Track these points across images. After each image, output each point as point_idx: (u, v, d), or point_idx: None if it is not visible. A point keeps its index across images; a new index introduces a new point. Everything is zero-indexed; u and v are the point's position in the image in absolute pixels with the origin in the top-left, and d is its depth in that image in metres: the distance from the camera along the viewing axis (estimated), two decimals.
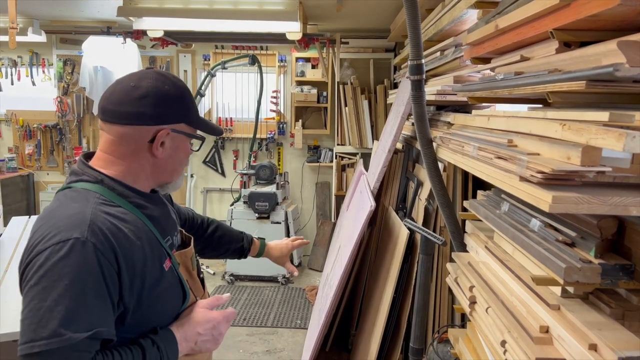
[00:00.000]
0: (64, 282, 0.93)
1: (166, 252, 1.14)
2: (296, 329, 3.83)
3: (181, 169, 1.22)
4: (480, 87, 1.50)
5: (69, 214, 1.01)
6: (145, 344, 1.04)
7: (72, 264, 0.94)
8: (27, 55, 5.40)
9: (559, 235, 1.13)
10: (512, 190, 1.03)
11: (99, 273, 0.96)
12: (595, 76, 0.82)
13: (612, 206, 0.82)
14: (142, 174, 1.14)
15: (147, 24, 3.71)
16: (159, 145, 1.12)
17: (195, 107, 1.19)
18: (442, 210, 1.89)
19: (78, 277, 0.94)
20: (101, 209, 1.03)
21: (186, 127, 1.17)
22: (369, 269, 3.18)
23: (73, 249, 0.95)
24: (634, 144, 0.70)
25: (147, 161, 1.13)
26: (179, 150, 1.17)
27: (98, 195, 1.07)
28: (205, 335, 1.15)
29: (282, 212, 4.75)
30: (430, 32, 2.52)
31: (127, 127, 1.09)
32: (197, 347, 1.15)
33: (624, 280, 1.00)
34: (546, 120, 0.99)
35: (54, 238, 0.96)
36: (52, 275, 0.93)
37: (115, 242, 1.00)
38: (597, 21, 0.91)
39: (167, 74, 1.16)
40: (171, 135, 1.13)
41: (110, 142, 1.12)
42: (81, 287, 0.94)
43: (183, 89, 1.16)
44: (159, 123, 1.11)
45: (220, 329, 1.18)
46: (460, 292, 1.65)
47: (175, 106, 1.13)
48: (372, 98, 5.04)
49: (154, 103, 1.10)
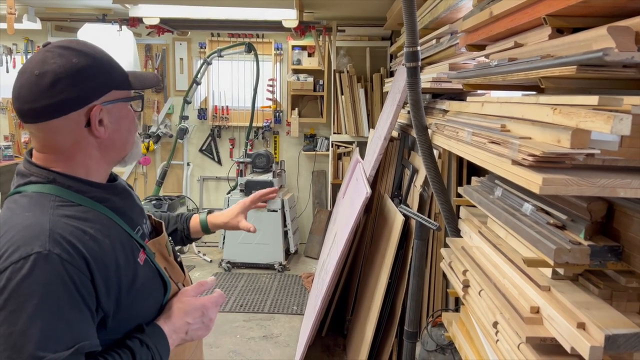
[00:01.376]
0: (32, 301, 0.84)
1: (138, 244, 1.05)
2: (293, 314, 3.87)
3: (132, 137, 1.09)
4: (475, 74, 1.52)
5: (24, 225, 0.90)
6: (133, 345, 0.98)
7: (38, 281, 0.85)
8: (23, 43, 5.36)
9: (550, 218, 1.15)
10: (504, 174, 1.06)
11: (69, 284, 0.87)
12: (585, 61, 0.84)
13: (601, 188, 0.84)
14: (92, 161, 1.02)
15: (143, 11, 3.70)
16: (98, 125, 0.99)
17: (117, 66, 1.03)
18: (437, 197, 1.91)
19: (47, 294, 0.85)
20: (59, 212, 0.93)
21: (118, 92, 1.02)
22: (365, 255, 3.21)
23: (36, 265, 0.86)
24: (621, 125, 0.72)
25: (92, 146, 1.01)
26: (122, 119, 1.04)
27: (53, 197, 0.96)
28: (195, 324, 1.09)
29: (278, 200, 4.77)
30: (426, 19, 2.53)
31: (54, 121, 0.96)
32: (188, 337, 1.09)
33: (612, 262, 1.03)
34: (538, 105, 1.01)
35: (13, 255, 0.87)
36: (18, 296, 0.84)
37: (83, 247, 0.91)
38: (588, 7, 0.93)
39: (69, 44, 0.99)
40: (105, 109, 1.00)
41: (43, 141, 0.99)
42: (53, 303, 0.86)
43: (94, 54, 1.00)
44: (86, 104, 0.97)
45: (209, 315, 1.12)
46: (454, 276, 1.69)
47: (95, 77, 0.98)
48: (369, 86, 5.05)
49: (69, 84, 0.95)
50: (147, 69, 5.44)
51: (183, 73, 5.47)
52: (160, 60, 5.44)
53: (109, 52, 1.05)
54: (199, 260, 5.11)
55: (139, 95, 1.10)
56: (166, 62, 5.46)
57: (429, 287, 2.40)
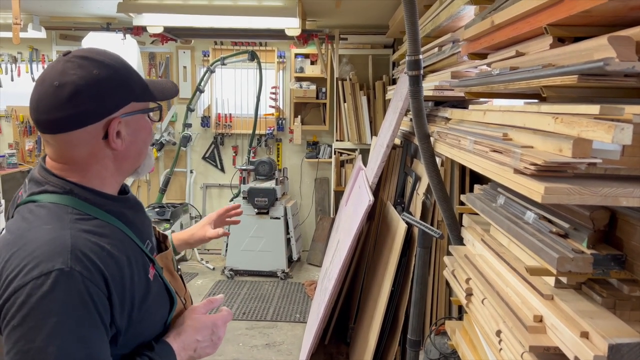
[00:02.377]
0: (52, 320, 0.83)
1: (149, 258, 1.04)
2: (295, 322, 3.86)
3: (146, 149, 1.08)
4: (477, 82, 1.53)
5: (45, 240, 0.88)
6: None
7: (59, 298, 0.84)
8: (27, 52, 5.40)
9: (553, 227, 1.15)
10: (506, 183, 1.06)
11: (89, 302, 0.86)
12: (586, 70, 0.84)
13: (603, 197, 0.84)
14: (107, 172, 1.01)
15: (146, 20, 3.72)
16: (115, 138, 0.97)
17: (137, 77, 1.02)
18: (440, 204, 1.91)
19: (67, 313, 0.84)
20: (79, 227, 0.92)
21: (136, 104, 1.01)
22: (368, 263, 3.20)
23: (58, 282, 0.84)
24: (622, 135, 0.72)
25: (108, 158, 1.00)
26: (139, 131, 1.03)
27: (70, 209, 0.94)
28: (204, 342, 1.10)
29: (281, 207, 4.78)
30: (428, 28, 2.54)
31: (71, 133, 0.94)
32: (196, 354, 1.09)
33: (615, 270, 1.02)
34: (540, 113, 1.02)
35: (34, 271, 0.85)
36: (38, 314, 0.83)
37: (102, 265, 0.89)
38: (590, 17, 0.93)
39: (89, 54, 0.97)
40: (124, 121, 0.98)
41: (59, 151, 0.97)
42: (72, 322, 0.85)
43: (115, 65, 0.98)
44: (105, 116, 0.95)
45: (219, 333, 1.13)
46: (457, 284, 1.68)
47: (115, 90, 0.97)
48: (371, 94, 5.06)
49: (89, 96, 0.93)
50: (151, 77, 5.47)
51: (186, 81, 5.50)
52: (164, 68, 5.47)
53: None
54: (201, 267, 5.11)
55: (157, 106, 1.07)
56: (170, 70, 5.49)
57: (432, 295, 2.39)
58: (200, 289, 4.53)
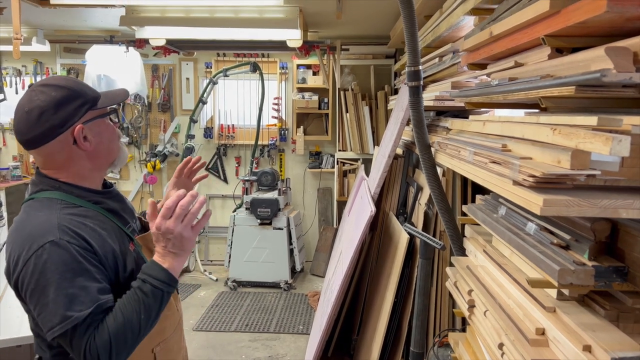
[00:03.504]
0: (55, 277, 1.10)
1: (129, 237, 1.30)
2: (298, 334, 3.84)
3: (115, 145, 1.32)
4: (477, 92, 1.53)
5: (38, 222, 1.16)
6: (133, 284, 1.18)
7: (57, 261, 1.11)
8: (32, 65, 5.46)
9: (554, 238, 1.14)
10: (506, 194, 1.05)
11: (81, 260, 1.13)
12: (584, 81, 0.84)
13: (602, 209, 0.83)
14: (85, 170, 1.26)
15: (149, 32, 3.75)
16: (83, 141, 1.23)
17: (90, 91, 1.26)
18: (441, 215, 1.90)
19: (66, 270, 1.11)
20: (65, 212, 1.19)
21: (94, 112, 1.25)
22: (370, 274, 3.19)
23: (53, 250, 1.11)
24: (620, 147, 0.72)
25: (83, 158, 1.25)
26: (102, 132, 1.28)
27: (59, 201, 1.21)
28: (172, 246, 1.20)
29: (284, 218, 4.77)
30: (429, 38, 2.55)
31: (47, 145, 1.20)
32: (176, 249, 1.20)
33: (617, 282, 1.01)
34: (538, 125, 1.01)
35: (34, 246, 1.12)
36: (45, 275, 1.10)
37: (85, 234, 1.16)
38: (586, 28, 0.93)
39: (48, 81, 1.23)
40: (86, 127, 1.23)
41: (44, 160, 1.24)
42: (71, 276, 1.11)
43: (68, 85, 1.23)
44: (68, 126, 1.21)
45: (182, 234, 1.19)
46: (460, 295, 1.66)
47: (72, 103, 1.21)
48: (373, 104, 5.07)
49: (53, 113, 1.19)
50: (154, 88, 5.51)
51: (189, 92, 5.53)
52: (167, 80, 5.50)
53: (116, 73, 1.29)
54: (204, 279, 5.09)
55: (112, 110, 1.32)
56: (173, 81, 5.53)
57: (435, 307, 2.37)
58: (203, 301, 4.51)
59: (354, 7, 3.49)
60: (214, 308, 4.33)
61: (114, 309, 1.15)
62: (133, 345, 1.16)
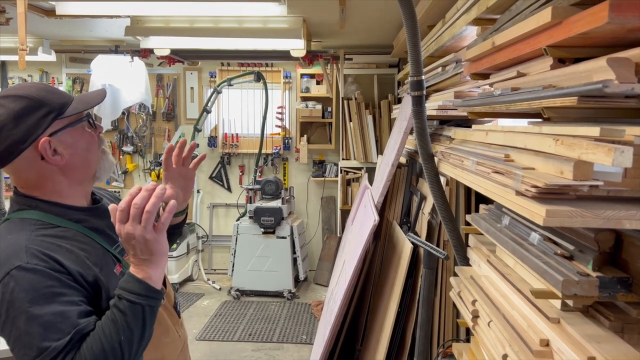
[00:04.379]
0: (25, 305, 0.98)
1: (115, 258, 1.16)
2: (302, 344, 3.82)
3: (93, 154, 1.16)
4: (479, 102, 1.53)
5: (6, 246, 1.04)
6: (111, 302, 1.04)
7: (26, 288, 0.98)
8: (38, 74, 5.50)
9: (558, 248, 1.14)
10: (509, 204, 1.05)
11: (53, 285, 1.00)
12: (585, 92, 0.84)
13: (606, 220, 0.83)
14: (62, 185, 1.12)
15: (154, 42, 3.78)
16: (52, 155, 1.08)
17: (55, 97, 1.10)
18: (445, 225, 1.90)
19: (37, 296, 0.98)
20: (38, 233, 1.05)
21: (63, 120, 1.10)
22: (374, 284, 3.17)
23: (20, 276, 0.99)
24: (622, 158, 0.72)
25: (56, 173, 1.11)
26: (76, 142, 1.12)
27: (34, 221, 1.07)
28: (136, 250, 1.02)
29: (287, 226, 4.77)
30: (432, 48, 2.56)
31: (13, 163, 1.07)
32: (144, 255, 1.03)
33: (622, 293, 1.00)
34: (541, 135, 1.01)
35: (0, 270, 1.00)
36: (14, 304, 0.98)
37: (58, 256, 1.03)
38: (588, 38, 0.93)
39: (8, 92, 1.09)
40: (55, 139, 1.08)
41: (15, 179, 1.12)
42: (43, 302, 0.98)
43: (29, 94, 1.08)
44: (32, 140, 1.06)
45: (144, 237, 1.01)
46: (463, 306, 1.66)
47: (33, 114, 1.06)
48: (377, 113, 5.08)
49: (12, 127, 1.04)
50: (159, 97, 5.54)
51: (193, 102, 5.56)
52: (171, 89, 5.54)
53: (121, 82, 1.14)
54: (208, 288, 5.09)
55: (84, 117, 1.15)
56: (177, 91, 5.56)
57: (439, 317, 2.36)
58: (206, 310, 4.51)
59: (358, 17, 3.51)
60: (217, 317, 4.32)
61: (91, 334, 1.01)
62: None
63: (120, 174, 5.60)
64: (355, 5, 3.19)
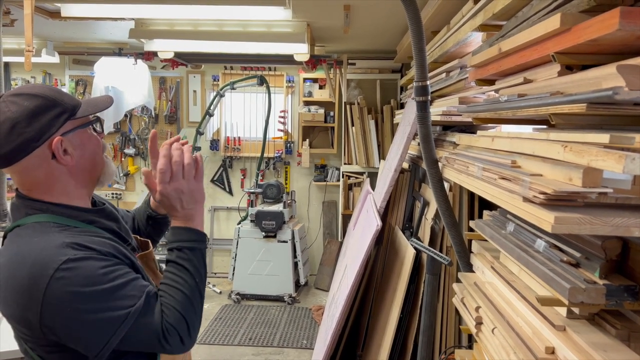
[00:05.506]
0: (88, 291, 0.98)
1: (132, 256, 1.18)
2: (302, 349, 3.81)
3: (100, 158, 1.19)
4: (485, 108, 1.52)
5: (41, 247, 1.00)
6: (169, 257, 1.14)
7: (84, 275, 0.99)
8: (41, 76, 5.51)
9: (564, 255, 1.13)
10: (515, 211, 1.04)
11: (107, 266, 1.02)
12: (595, 99, 0.84)
13: (614, 227, 0.83)
14: (69, 187, 1.12)
15: (157, 45, 3.79)
16: (63, 155, 1.09)
17: (68, 99, 1.12)
18: (449, 230, 1.89)
19: (95, 280, 0.99)
20: (64, 234, 1.05)
21: (74, 121, 1.12)
22: (376, 289, 3.16)
23: (72, 268, 0.98)
24: (633, 165, 0.71)
25: (65, 174, 1.11)
26: (85, 144, 1.14)
27: (52, 224, 1.06)
28: (186, 203, 1.16)
29: (288, 230, 4.76)
30: (436, 53, 2.56)
31: (23, 161, 1.06)
32: (190, 206, 1.16)
33: (629, 301, 1.00)
34: (549, 141, 1.01)
35: (48, 271, 0.97)
36: (72, 303, 0.97)
37: (96, 246, 1.04)
38: (597, 45, 0.93)
39: (19, 91, 1.09)
40: (66, 139, 1.09)
41: (22, 179, 1.10)
42: (105, 282, 1.00)
43: (43, 93, 1.09)
44: (45, 139, 1.07)
45: (190, 188, 1.16)
46: (467, 312, 1.65)
47: (47, 113, 1.07)
48: (379, 118, 5.08)
49: (25, 125, 1.04)
50: (162, 100, 5.54)
51: (196, 105, 5.56)
52: (174, 92, 5.54)
53: (124, 84, 1.16)
54: (208, 291, 5.07)
55: (95, 119, 1.18)
56: (180, 94, 5.56)
57: (441, 323, 2.35)
58: (206, 314, 4.49)
59: (362, 22, 3.52)
60: (217, 321, 4.31)
61: (164, 288, 1.09)
62: (201, 312, 1.13)
63: (122, 176, 5.60)
64: (360, 11, 3.19)
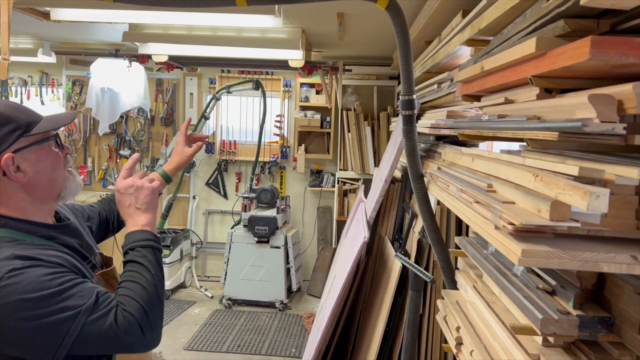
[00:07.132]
0: (35, 296, 0.97)
1: (88, 273, 1.17)
2: (290, 357, 3.78)
3: (59, 174, 1.17)
4: (469, 125, 1.50)
5: None
6: (126, 259, 1.15)
7: (29, 282, 0.98)
8: (37, 75, 5.50)
9: (540, 282, 1.11)
10: (488, 238, 1.02)
11: (55, 272, 1.01)
12: (566, 129, 0.81)
13: (583, 262, 0.80)
14: (25, 203, 1.11)
15: (152, 49, 3.77)
16: (15, 172, 1.07)
17: (22, 114, 1.10)
18: (433, 246, 1.86)
19: (42, 286, 0.98)
20: (18, 247, 1.04)
21: (29, 138, 1.10)
22: (364, 299, 3.13)
23: (16, 275, 0.97)
24: (597, 203, 0.69)
25: (19, 190, 1.09)
26: (41, 161, 1.12)
27: (8, 238, 1.05)
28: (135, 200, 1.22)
29: (281, 236, 4.73)
30: (429, 64, 2.54)
31: None
32: (142, 206, 1.22)
33: (602, 333, 0.97)
34: (523, 167, 0.98)
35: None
36: (22, 304, 0.96)
37: (44, 257, 1.03)
38: (572, 71, 0.90)
39: None
40: (19, 156, 1.08)
41: None
42: (53, 286, 0.99)
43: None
44: None
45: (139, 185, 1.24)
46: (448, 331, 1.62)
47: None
48: (375, 124, 5.06)
49: None
50: (158, 102, 5.53)
51: (192, 107, 5.54)
52: (171, 94, 5.53)
53: (120, 86, 1.26)
54: (200, 295, 5.05)
55: (51, 137, 1.16)
56: (176, 96, 5.55)
57: (426, 339, 2.32)
58: (196, 318, 4.46)
59: (357, 29, 3.50)
60: (206, 327, 4.28)
61: (123, 284, 1.09)
62: (162, 306, 1.12)
63: (117, 177, 5.58)
64: (354, 18, 3.17)
